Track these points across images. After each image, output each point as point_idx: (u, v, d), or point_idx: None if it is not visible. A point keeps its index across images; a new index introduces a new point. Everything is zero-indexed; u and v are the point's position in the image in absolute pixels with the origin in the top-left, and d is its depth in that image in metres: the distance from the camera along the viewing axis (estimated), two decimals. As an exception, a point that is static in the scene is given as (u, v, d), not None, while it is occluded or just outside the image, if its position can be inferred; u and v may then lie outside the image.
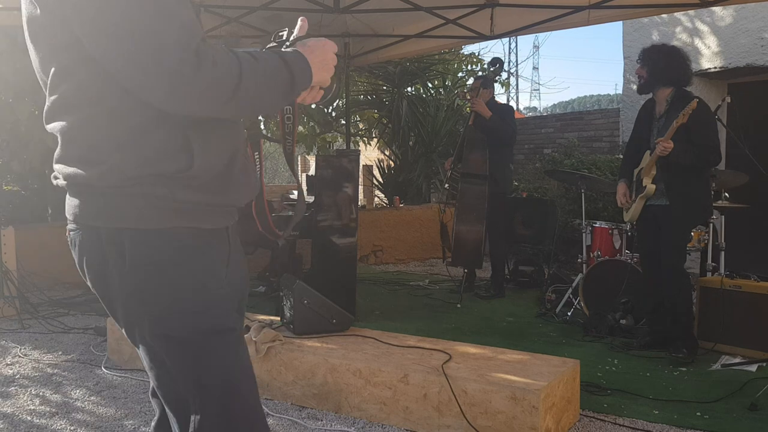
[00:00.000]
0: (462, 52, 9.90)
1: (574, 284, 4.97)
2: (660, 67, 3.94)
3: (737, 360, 3.79)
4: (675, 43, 7.04)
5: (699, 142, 3.80)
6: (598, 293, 4.64)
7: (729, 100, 4.37)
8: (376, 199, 10.20)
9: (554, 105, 48.74)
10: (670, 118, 3.87)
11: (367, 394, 2.97)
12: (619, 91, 5.42)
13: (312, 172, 11.69)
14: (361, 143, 10.26)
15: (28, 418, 3.03)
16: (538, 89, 58.79)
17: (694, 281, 4.52)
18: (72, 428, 2.90)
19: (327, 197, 4.79)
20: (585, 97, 57.49)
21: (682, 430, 2.83)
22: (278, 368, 3.23)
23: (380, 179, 10.05)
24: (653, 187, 3.93)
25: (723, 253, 4.52)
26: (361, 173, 9.28)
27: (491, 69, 5.71)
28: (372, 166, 11.05)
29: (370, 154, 11.41)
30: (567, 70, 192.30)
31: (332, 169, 4.82)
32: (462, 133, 6.13)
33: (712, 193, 4.30)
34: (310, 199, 7.97)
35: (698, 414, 2.99)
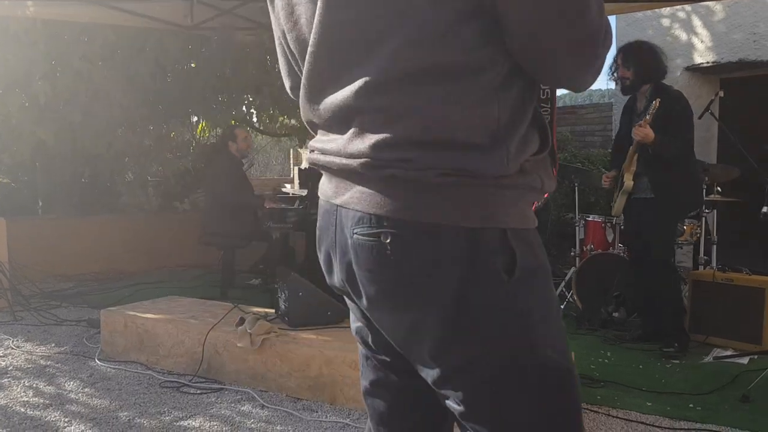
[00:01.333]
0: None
1: (567, 277, 4.99)
2: (645, 67, 3.90)
3: (729, 353, 3.82)
4: (667, 38, 7.07)
5: (672, 133, 3.78)
6: (590, 286, 4.65)
7: (722, 95, 4.39)
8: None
9: (546, 100, 48.77)
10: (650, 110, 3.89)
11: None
12: (611, 85, 5.43)
13: (304, 165, 11.65)
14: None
15: (22, 409, 3.02)
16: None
17: (686, 275, 4.54)
18: (66, 420, 2.89)
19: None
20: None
21: (675, 421, 2.85)
22: (273, 360, 3.23)
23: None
24: (631, 183, 3.94)
25: (715, 246, 4.56)
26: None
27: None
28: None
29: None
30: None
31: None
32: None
33: (704, 187, 4.32)
34: (303, 192, 7.93)
35: (691, 405, 3.01)
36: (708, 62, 6.83)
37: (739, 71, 6.89)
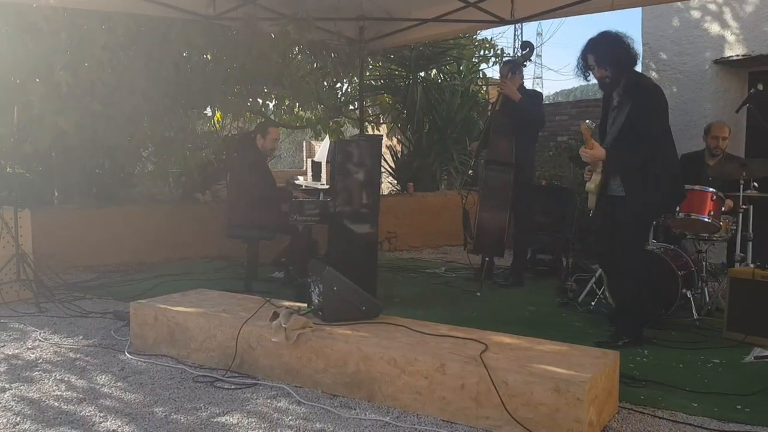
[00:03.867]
0: (475, 37, 9.79)
1: (597, 273, 4.90)
2: (620, 61, 3.75)
3: (770, 352, 3.73)
4: (695, 30, 6.94)
5: (640, 132, 3.67)
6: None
7: (761, 88, 4.29)
8: (386, 185, 10.12)
9: (556, 93, 48.42)
10: (623, 106, 3.80)
11: (401, 384, 2.91)
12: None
13: (317, 158, 11.50)
14: (369, 128, 10.16)
15: (55, 404, 2.97)
16: (541, 77, 58.44)
17: (716, 271, 4.45)
18: (101, 415, 2.84)
19: (348, 183, 4.69)
20: (587, 85, 57.06)
21: (724, 423, 2.77)
22: (308, 355, 3.17)
23: (392, 165, 9.96)
24: (591, 185, 3.91)
25: (751, 243, 4.47)
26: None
27: (521, 53, 5.61)
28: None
29: (379, 139, 11.30)
30: (572, 58, 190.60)
31: (354, 154, 4.72)
32: (487, 119, 6.04)
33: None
34: (317, 184, 7.84)
35: (738, 407, 2.93)
36: (737, 55, 6.69)
37: (769, 65, 6.75)
